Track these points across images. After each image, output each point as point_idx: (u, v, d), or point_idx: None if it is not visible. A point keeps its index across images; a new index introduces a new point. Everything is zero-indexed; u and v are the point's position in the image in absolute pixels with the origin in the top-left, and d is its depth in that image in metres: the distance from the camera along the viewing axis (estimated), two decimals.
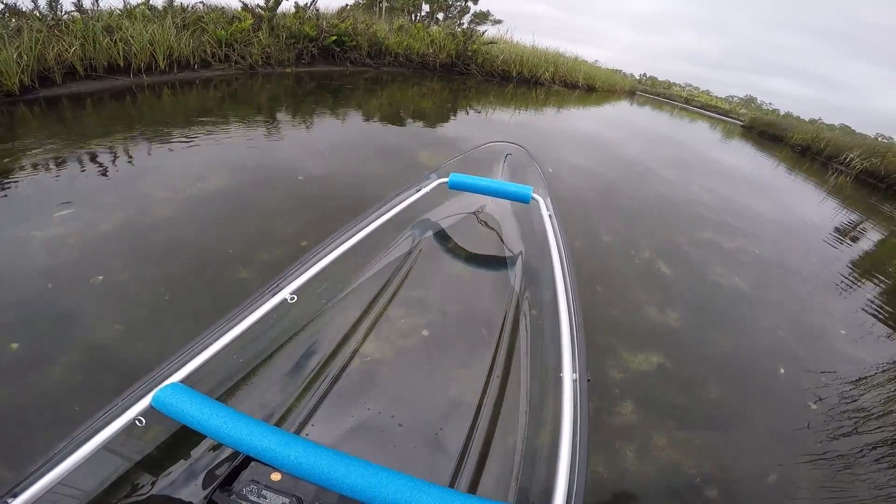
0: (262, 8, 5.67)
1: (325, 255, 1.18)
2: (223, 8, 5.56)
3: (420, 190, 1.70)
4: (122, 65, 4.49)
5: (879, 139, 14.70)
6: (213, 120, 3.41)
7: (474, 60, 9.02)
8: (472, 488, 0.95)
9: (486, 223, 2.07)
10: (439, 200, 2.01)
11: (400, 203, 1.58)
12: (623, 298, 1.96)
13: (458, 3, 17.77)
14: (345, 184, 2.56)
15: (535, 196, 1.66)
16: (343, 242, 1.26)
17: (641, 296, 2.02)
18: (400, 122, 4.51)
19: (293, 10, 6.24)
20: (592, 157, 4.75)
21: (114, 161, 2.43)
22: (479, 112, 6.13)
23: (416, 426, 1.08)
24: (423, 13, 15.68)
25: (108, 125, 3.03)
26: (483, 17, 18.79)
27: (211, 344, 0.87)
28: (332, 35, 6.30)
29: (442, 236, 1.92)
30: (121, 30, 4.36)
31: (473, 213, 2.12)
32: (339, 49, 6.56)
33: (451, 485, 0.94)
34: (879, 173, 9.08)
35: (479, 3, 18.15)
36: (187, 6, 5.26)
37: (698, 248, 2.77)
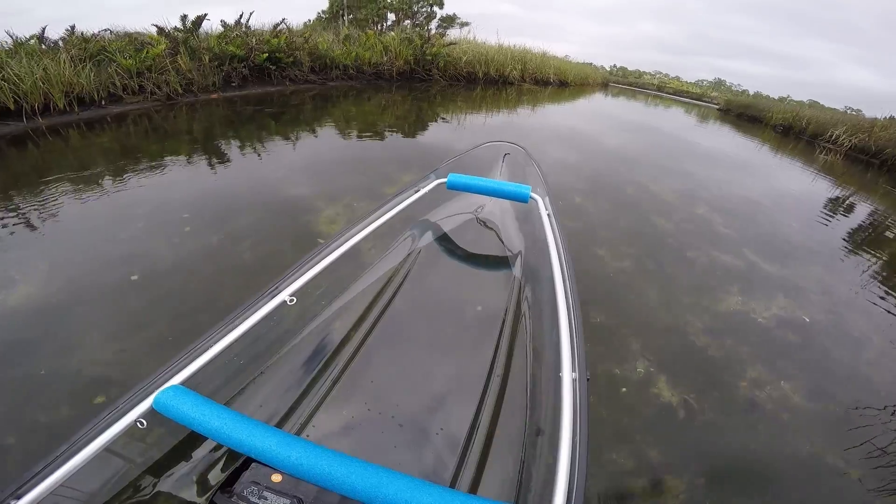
0: (178, 30, 5.03)
1: (325, 257, 1.18)
2: (131, 34, 4.90)
3: (419, 191, 1.70)
4: (12, 108, 3.85)
5: (849, 112, 14.78)
6: (72, 176, 2.69)
7: (435, 65, 8.44)
8: (473, 488, 0.93)
9: (485, 223, 2.03)
10: (438, 201, 1.99)
11: (398, 204, 1.58)
12: (597, 473, 1.20)
13: (425, 10, 17.65)
14: (190, 286, 1.75)
15: (534, 195, 1.64)
16: (342, 244, 1.26)
17: (628, 466, 1.21)
18: (338, 154, 3.63)
19: (220, 29, 5.61)
20: (568, 175, 3.76)
21: None
22: (447, 121, 5.54)
23: (416, 426, 1.06)
24: (389, 23, 15.24)
25: None
26: (450, 20, 18.83)
27: (211, 346, 0.87)
28: (263, 52, 5.65)
29: (441, 237, 1.90)
30: (2, 69, 3.72)
31: (472, 213, 2.08)
32: (274, 67, 5.91)
33: (452, 485, 0.93)
34: (870, 149, 8.76)
35: (447, 7, 17.86)
36: (91, 36, 4.60)
37: (721, 336, 1.84)
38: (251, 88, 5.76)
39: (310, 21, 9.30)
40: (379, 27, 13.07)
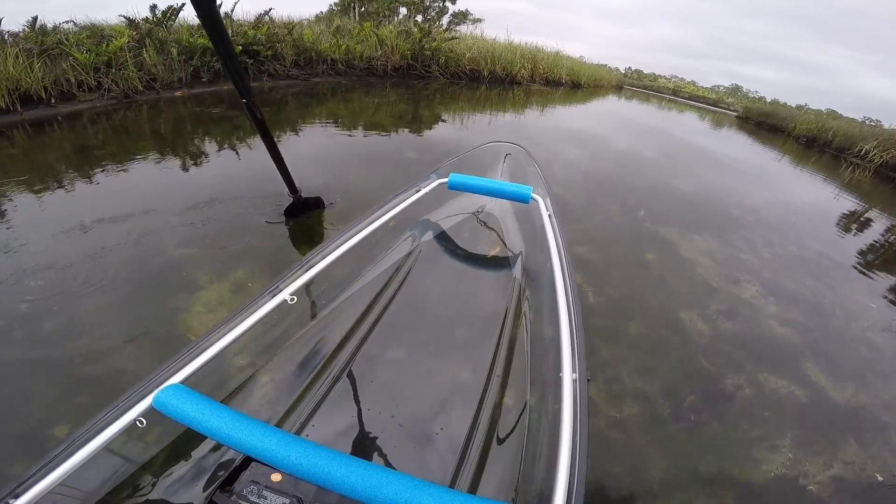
0: (147, 21, 4.56)
1: (325, 257, 1.17)
2: (96, 26, 4.43)
3: (420, 190, 1.69)
4: None
5: (868, 122, 14.32)
6: None
7: (435, 61, 7.87)
8: (473, 488, 0.93)
9: (485, 223, 2.01)
10: (439, 201, 1.97)
11: (399, 204, 1.56)
12: None
13: (437, 4, 17.03)
14: None
15: (535, 196, 1.63)
16: (343, 244, 1.25)
17: None
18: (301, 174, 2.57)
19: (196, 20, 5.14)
20: (570, 227, 2.79)
21: None
22: (445, 123, 4.95)
23: (416, 426, 1.06)
24: (400, 17, 14.86)
25: None
26: (462, 16, 18.00)
27: (211, 345, 0.86)
28: (237, 45, 5.15)
29: (442, 237, 1.89)
30: None
31: (473, 213, 2.06)
32: (251, 61, 5.41)
33: (452, 485, 0.92)
34: None
35: (459, 3, 17.45)
36: (51, 28, 4.15)
37: None
38: (223, 85, 5.16)
39: (322, 13, 8.89)
40: (389, 21, 12.64)
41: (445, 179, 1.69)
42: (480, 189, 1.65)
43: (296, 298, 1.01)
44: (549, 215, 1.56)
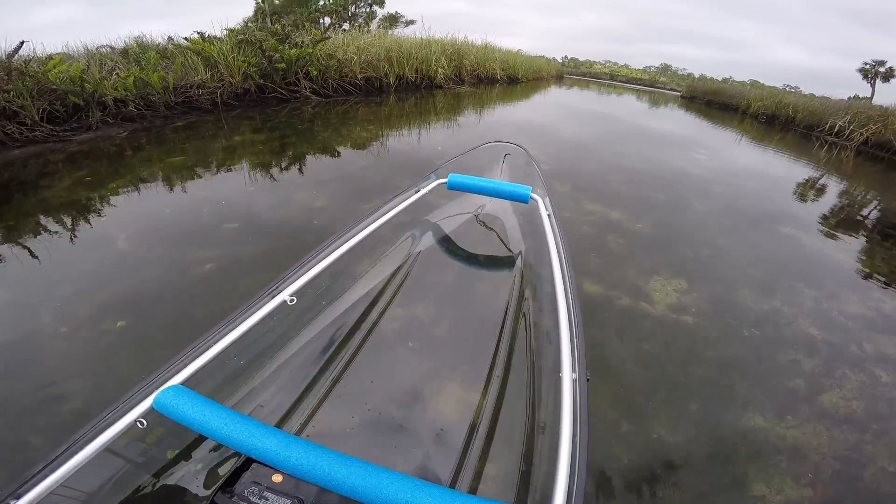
0: None
1: (325, 257, 1.17)
2: None
3: (419, 191, 1.68)
4: None
5: (788, 89, 14.50)
6: None
7: (304, 73, 5.59)
8: (473, 488, 0.94)
9: (485, 223, 2.01)
10: (438, 201, 1.99)
11: (399, 204, 1.56)
12: None
13: (364, 10, 16.20)
14: None
15: (534, 196, 1.64)
16: (343, 244, 1.25)
17: None
18: None
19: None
20: None
21: None
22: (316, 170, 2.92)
23: (416, 426, 1.06)
24: (326, 25, 13.27)
25: None
26: (393, 19, 16.79)
27: (211, 346, 0.87)
28: None
29: (441, 237, 1.88)
30: None
31: (473, 213, 2.06)
32: None
33: (452, 485, 0.94)
34: (891, 145, 6.92)
35: (391, 7, 16.51)
36: None
37: None
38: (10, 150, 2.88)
39: (236, 26, 6.55)
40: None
41: (445, 180, 1.69)
42: (480, 189, 1.65)
43: (295, 299, 1.01)
44: (549, 215, 1.54)
